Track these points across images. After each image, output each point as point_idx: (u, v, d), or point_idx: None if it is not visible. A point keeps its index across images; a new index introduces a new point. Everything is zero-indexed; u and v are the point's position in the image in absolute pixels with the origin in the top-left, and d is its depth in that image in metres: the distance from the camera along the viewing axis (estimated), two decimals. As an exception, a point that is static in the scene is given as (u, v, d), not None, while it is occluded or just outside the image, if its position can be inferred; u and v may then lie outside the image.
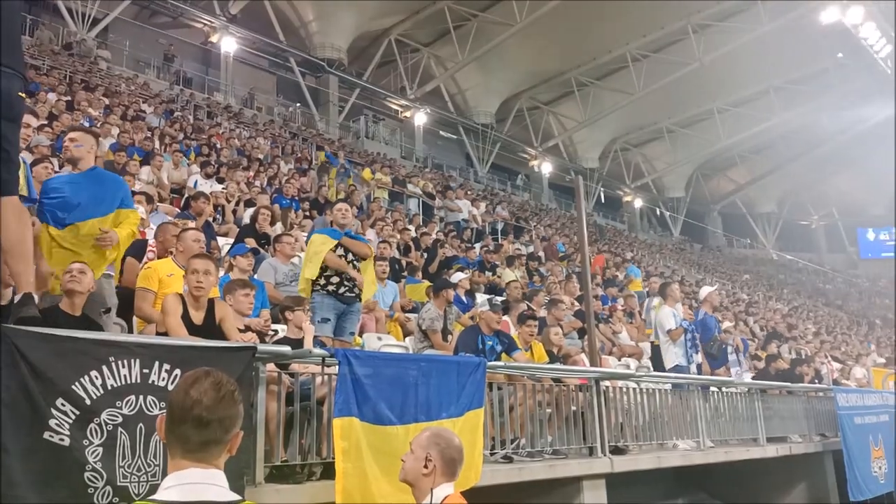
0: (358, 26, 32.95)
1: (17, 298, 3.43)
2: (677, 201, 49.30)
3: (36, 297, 3.59)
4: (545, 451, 6.18)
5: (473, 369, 5.12)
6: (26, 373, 3.12)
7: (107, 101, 16.31)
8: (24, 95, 3.41)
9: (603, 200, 45.74)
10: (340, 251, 6.42)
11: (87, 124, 12.77)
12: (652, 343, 9.15)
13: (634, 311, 12.44)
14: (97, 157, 6.42)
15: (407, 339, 8.01)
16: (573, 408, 6.56)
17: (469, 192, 24.43)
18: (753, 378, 10.33)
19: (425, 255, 12.82)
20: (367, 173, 19.41)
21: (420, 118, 35.96)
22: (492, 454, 5.58)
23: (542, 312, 9.06)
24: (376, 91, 35.04)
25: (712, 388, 8.43)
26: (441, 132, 38.07)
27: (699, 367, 8.79)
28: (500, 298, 9.49)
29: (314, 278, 6.30)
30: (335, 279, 6.33)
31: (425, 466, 3.09)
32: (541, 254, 17.97)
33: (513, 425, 5.98)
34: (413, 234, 14.14)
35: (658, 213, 48.30)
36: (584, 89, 39.84)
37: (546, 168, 41.79)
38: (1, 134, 3.18)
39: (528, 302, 9.30)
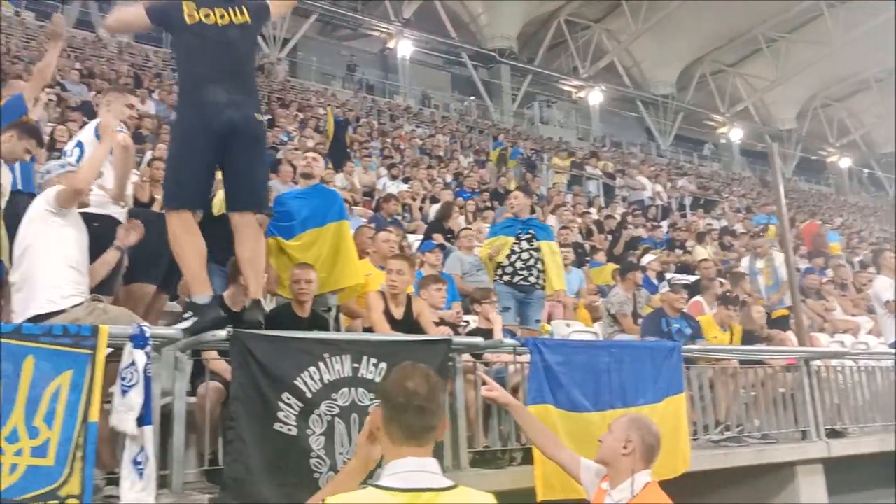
0: (526, 13, 32.88)
1: (247, 304, 3.87)
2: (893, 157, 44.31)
3: (264, 301, 4.03)
4: (752, 436, 5.91)
5: (668, 354, 5.01)
6: (256, 370, 3.53)
7: (301, 116, 17.58)
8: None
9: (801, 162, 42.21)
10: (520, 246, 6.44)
11: (284, 139, 13.90)
12: None
13: (847, 281, 11.42)
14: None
15: (596, 324, 7.96)
16: (781, 390, 6.21)
17: (652, 168, 23.61)
18: None
19: (609, 237, 12.61)
20: (555, 160, 19.33)
21: (595, 97, 35.17)
22: (694, 440, 5.44)
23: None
24: (548, 75, 34.78)
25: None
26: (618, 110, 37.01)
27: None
28: (693, 278, 9.16)
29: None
30: (509, 269, 6.41)
31: (624, 447, 3.11)
32: (735, 227, 16.98)
33: (715, 410, 5.78)
34: (595, 216, 13.95)
35: (868, 172, 43.72)
36: (774, 45, 36.88)
37: (736, 134, 39.24)
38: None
39: (723, 280, 8.86)
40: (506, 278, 6.40)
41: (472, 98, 31.90)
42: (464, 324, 6.03)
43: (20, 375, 2.87)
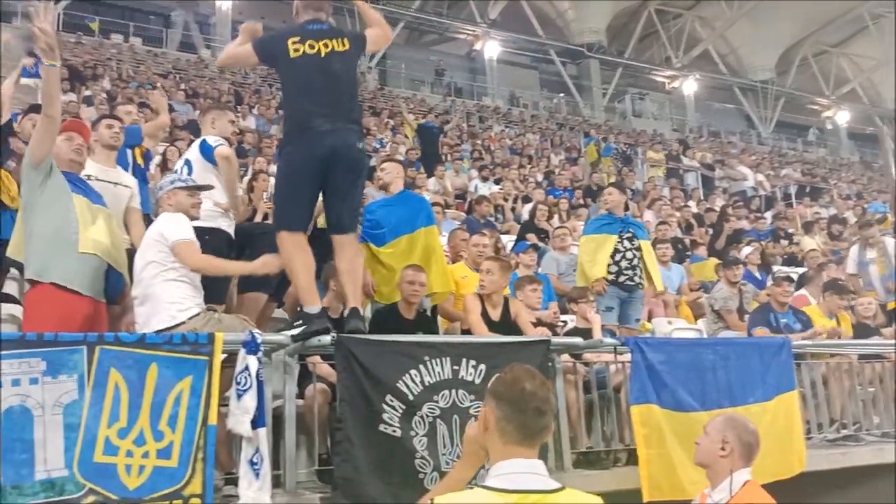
0: (615, 5, 32.30)
1: (346, 312, 4.00)
2: None
3: (361, 309, 4.16)
4: (871, 434, 5.60)
5: (777, 350, 4.83)
6: (360, 373, 3.64)
7: (392, 122, 17.91)
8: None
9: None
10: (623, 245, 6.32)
11: (377, 147, 14.19)
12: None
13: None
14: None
15: (699, 321, 7.73)
16: (903, 385, 5.86)
17: (753, 157, 22.69)
18: None
19: (710, 230, 12.21)
20: (650, 154, 18.90)
21: (689, 86, 34.11)
22: (808, 439, 5.21)
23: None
24: (640, 66, 34.01)
25: None
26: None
27: None
28: (801, 270, 8.77)
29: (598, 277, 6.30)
30: (614, 268, 6.30)
31: (722, 449, 3.11)
32: (845, 215, 16.10)
33: (830, 407, 5.51)
34: (694, 209, 13.53)
35: None
36: (881, 22, 34.76)
37: (843, 117, 37.15)
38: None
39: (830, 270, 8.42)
40: (610, 277, 6.28)
41: (562, 95, 31.60)
42: (561, 324, 6.00)
43: (145, 382, 3.07)
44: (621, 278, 6.21)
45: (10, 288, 4.93)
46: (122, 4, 27.04)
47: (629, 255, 6.26)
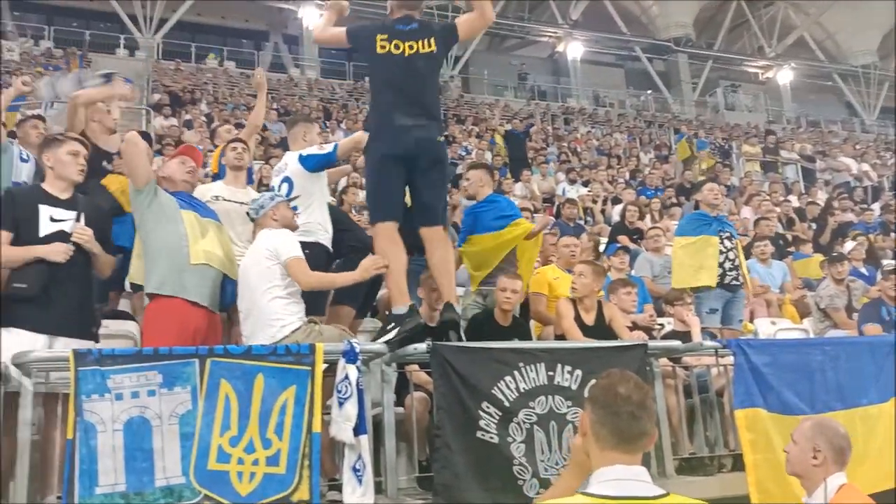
0: (701, -4, 31.44)
1: (442, 306, 4.09)
2: None
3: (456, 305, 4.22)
4: None
5: (891, 349, 4.56)
6: (456, 381, 3.68)
7: (476, 129, 17.98)
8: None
9: None
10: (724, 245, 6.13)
11: (463, 154, 14.29)
12: None
13: None
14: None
15: (805, 320, 7.40)
16: None
17: (857, 146, 21.53)
18: None
19: (813, 225, 11.67)
20: (746, 148, 18.26)
21: (785, 75, 32.72)
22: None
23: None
24: (731, 58, 32.91)
25: None
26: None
27: None
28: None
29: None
30: (718, 271, 6.10)
31: (814, 458, 3.06)
32: (964, 203, 15.03)
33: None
34: (795, 204, 12.97)
35: None
36: None
37: (955, 99, 34.81)
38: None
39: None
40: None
41: (649, 92, 30.91)
42: (658, 327, 5.87)
43: (252, 392, 3.21)
44: (726, 279, 6.00)
45: (125, 306, 5.26)
46: (217, 28, 28.30)
47: (731, 255, 6.06)
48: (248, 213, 4.17)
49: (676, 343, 4.50)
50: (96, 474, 2.91)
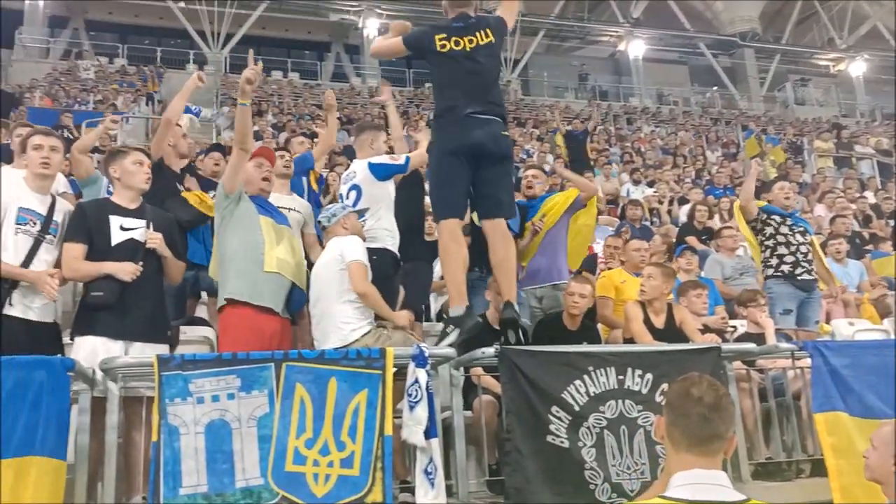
0: (768, -11, 30.61)
1: (501, 305, 4.11)
2: None
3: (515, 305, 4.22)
4: None
5: (981, 349, 4.35)
6: (525, 385, 3.67)
7: (537, 132, 17.92)
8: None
9: None
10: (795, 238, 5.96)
11: (524, 157, 14.26)
12: None
13: None
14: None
15: (885, 321, 7.10)
16: None
17: (939, 138, 20.56)
18: None
19: (891, 222, 11.19)
20: (818, 143, 17.68)
21: (857, 67, 31.56)
22: None
23: None
24: (800, 51, 31.91)
25: None
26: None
27: None
28: None
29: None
30: (790, 258, 5.90)
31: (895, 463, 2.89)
32: None
33: None
34: (871, 200, 12.47)
35: None
36: None
37: None
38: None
39: None
40: (784, 268, 5.84)
41: (715, 88, 30.26)
42: (730, 329, 5.73)
43: (326, 395, 3.28)
44: (798, 270, 5.80)
45: (202, 312, 5.44)
46: (281, 41, 28.99)
47: (803, 248, 5.88)
48: (319, 221, 4.26)
49: (751, 345, 4.39)
50: (180, 475, 3.02)
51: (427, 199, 5.17)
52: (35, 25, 25.32)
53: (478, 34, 4.11)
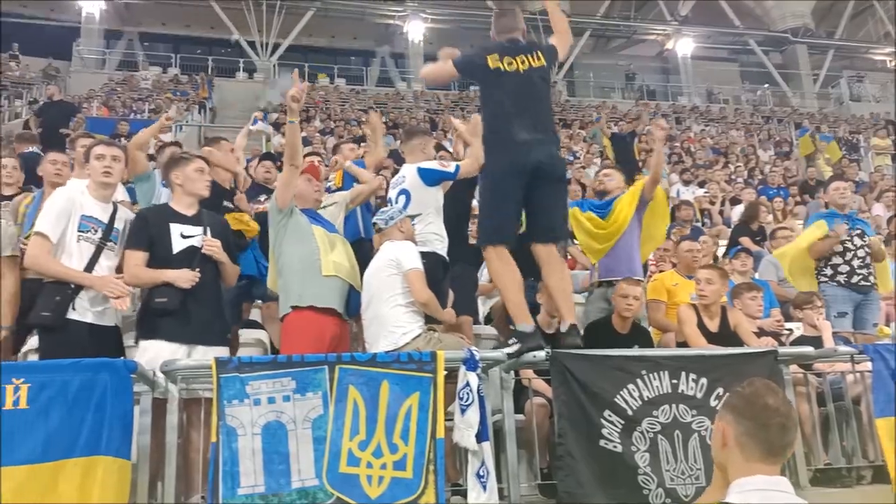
0: (820, -17, 29.86)
1: (562, 327, 4.07)
2: None
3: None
4: None
5: None
6: (576, 389, 3.66)
7: (583, 133, 17.78)
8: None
9: None
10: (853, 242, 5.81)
11: (570, 159, 14.16)
12: None
13: None
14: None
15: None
16: None
17: None
18: None
19: (955, 220, 10.79)
20: (875, 140, 17.17)
21: (917, 61, 30.54)
22: None
23: None
24: (855, 46, 31.02)
25: None
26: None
27: None
28: None
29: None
30: (845, 268, 5.79)
31: None
32: None
33: None
34: (933, 198, 12.04)
35: None
36: None
37: None
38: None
39: None
40: (840, 278, 5.78)
41: (766, 86, 29.62)
42: (786, 332, 5.61)
43: (378, 398, 3.31)
44: (854, 278, 5.70)
45: (255, 315, 5.55)
46: (327, 49, 29.37)
47: (860, 252, 5.73)
48: (375, 223, 4.31)
49: (808, 349, 4.29)
50: (238, 476, 3.08)
51: (474, 203, 5.16)
52: (91, 38, 26.12)
53: (530, 56, 4.09)
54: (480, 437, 3.36)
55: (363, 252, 4.66)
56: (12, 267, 3.74)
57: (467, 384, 3.42)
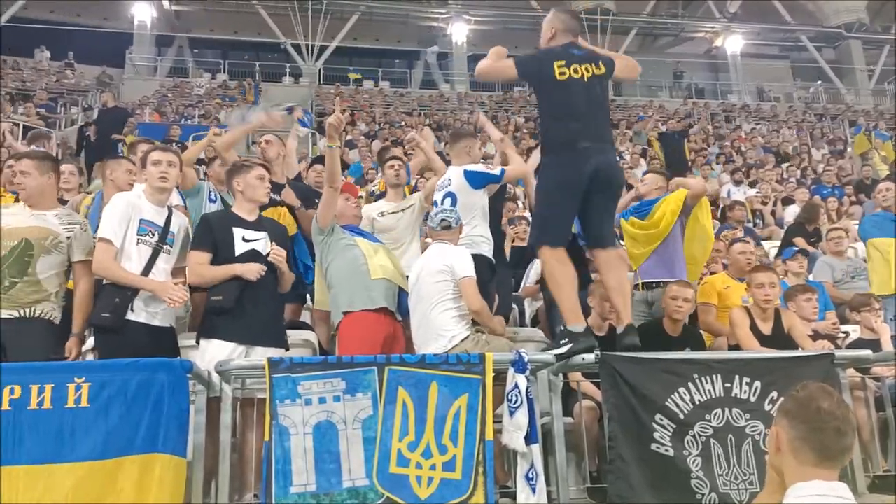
0: (875, -24, 29.00)
1: (619, 329, 4.06)
2: None
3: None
4: None
5: None
6: (627, 392, 3.62)
7: (630, 133, 17.58)
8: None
9: None
10: None
11: (617, 159, 14.03)
12: None
13: None
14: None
15: None
16: None
17: None
18: None
19: None
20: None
21: (979, 55, 29.43)
22: None
23: None
24: (912, 40, 30.03)
25: None
26: None
27: None
28: None
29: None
30: None
31: None
32: None
33: None
34: None
35: None
36: None
37: None
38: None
39: None
40: None
41: (819, 83, 28.86)
42: (842, 335, 5.47)
43: (427, 399, 3.33)
44: None
45: (305, 317, 5.63)
46: (371, 51, 29.62)
47: None
48: (442, 220, 4.31)
49: (867, 352, 4.17)
50: (291, 475, 3.13)
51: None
52: (143, 45, 26.79)
53: (593, 65, 4.07)
54: (529, 439, 3.36)
55: None
56: (86, 272, 3.86)
57: (516, 386, 3.42)
